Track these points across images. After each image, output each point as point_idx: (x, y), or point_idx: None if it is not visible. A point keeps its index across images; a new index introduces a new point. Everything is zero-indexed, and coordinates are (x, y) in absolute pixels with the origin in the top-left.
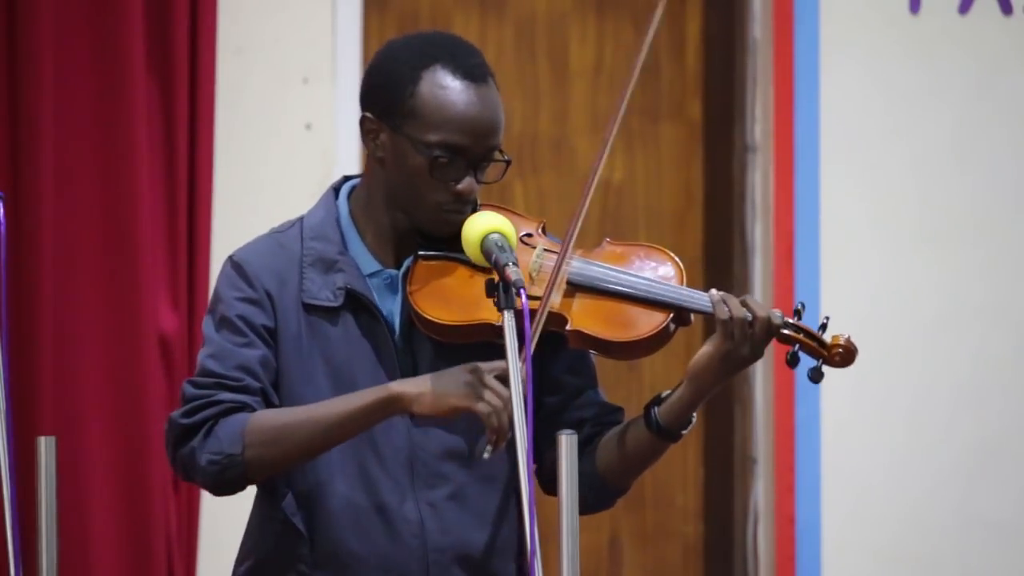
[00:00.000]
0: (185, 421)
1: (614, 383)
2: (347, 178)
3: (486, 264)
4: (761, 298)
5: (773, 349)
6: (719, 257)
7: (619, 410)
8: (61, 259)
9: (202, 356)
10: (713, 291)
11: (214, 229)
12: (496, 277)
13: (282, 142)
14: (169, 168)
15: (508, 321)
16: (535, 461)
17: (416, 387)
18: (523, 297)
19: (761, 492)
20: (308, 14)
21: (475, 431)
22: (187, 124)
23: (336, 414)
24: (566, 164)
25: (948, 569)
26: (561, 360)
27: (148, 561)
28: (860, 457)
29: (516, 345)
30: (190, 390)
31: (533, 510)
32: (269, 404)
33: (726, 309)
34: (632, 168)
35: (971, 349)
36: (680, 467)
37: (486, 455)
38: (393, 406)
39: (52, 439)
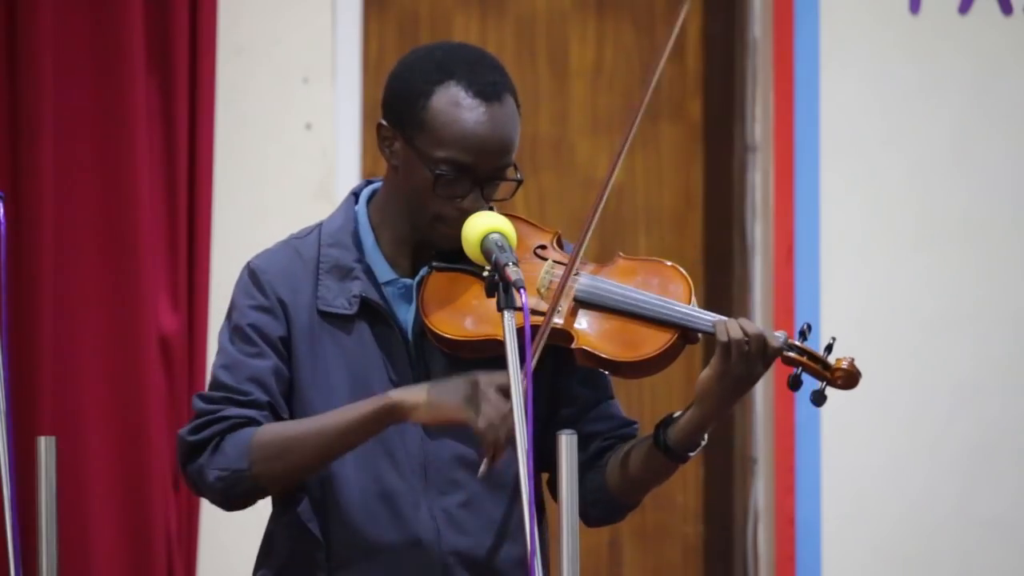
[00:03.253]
0: (192, 438)
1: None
2: (369, 182)
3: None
4: (761, 298)
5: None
6: (719, 257)
7: (633, 424)
8: (61, 259)
9: (215, 368)
10: (719, 317)
11: (214, 229)
12: (496, 276)
13: (282, 142)
14: (169, 168)
15: (508, 321)
16: (546, 470)
17: (415, 396)
18: (523, 296)
19: (761, 492)
20: (308, 14)
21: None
22: (187, 124)
23: (338, 424)
24: (566, 164)
25: (947, 568)
26: (576, 372)
27: (148, 561)
28: (860, 457)
29: (516, 347)
30: (199, 404)
31: (533, 510)
32: (278, 417)
33: (724, 330)
34: (632, 168)
35: (970, 349)
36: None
37: (481, 472)
38: (392, 415)
39: (52, 439)
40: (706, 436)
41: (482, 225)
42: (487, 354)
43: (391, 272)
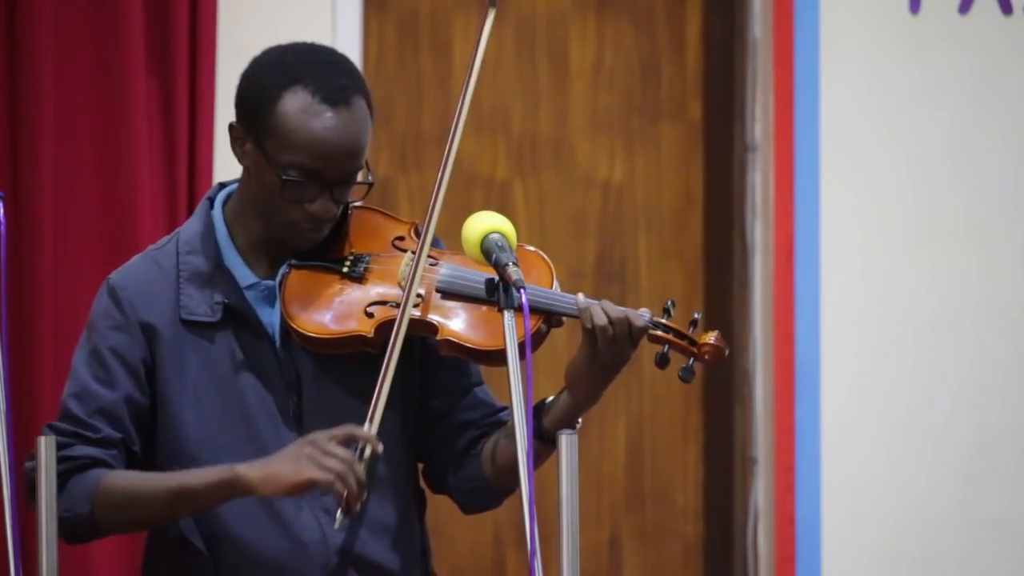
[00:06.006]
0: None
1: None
2: (222, 185)
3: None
4: (761, 298)
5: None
6: (719, 257)
7: (505, 408)
8: (61, 259)
9: (66, 394)
10: (580, 296)
11: None
12: (495, 277)
13: None
14: (169, 168)
15: (508, 321)
16: (423, 459)
17: (260, 470)
18: (523, 297)
19: (761, 492)
20: (308, 14)
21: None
22: (187, 124)
23: (183, 488)
24: (566, 164)
25: (947, 568)
26: (444, 361)
27: None
28: (860, 457)
29: (515, 345)
30: (48, 435)
31: (533, 510)
32: (129, 452)
33: (589, 316)
34: (632, 168)
35: (970, 349)
36: (680, 467)
37: (336, 524)
38: (235, 489)
39: (52, 439)
40: (580, 419)
41: (482, 225)
42: (351, 350)
43: (251, 275)
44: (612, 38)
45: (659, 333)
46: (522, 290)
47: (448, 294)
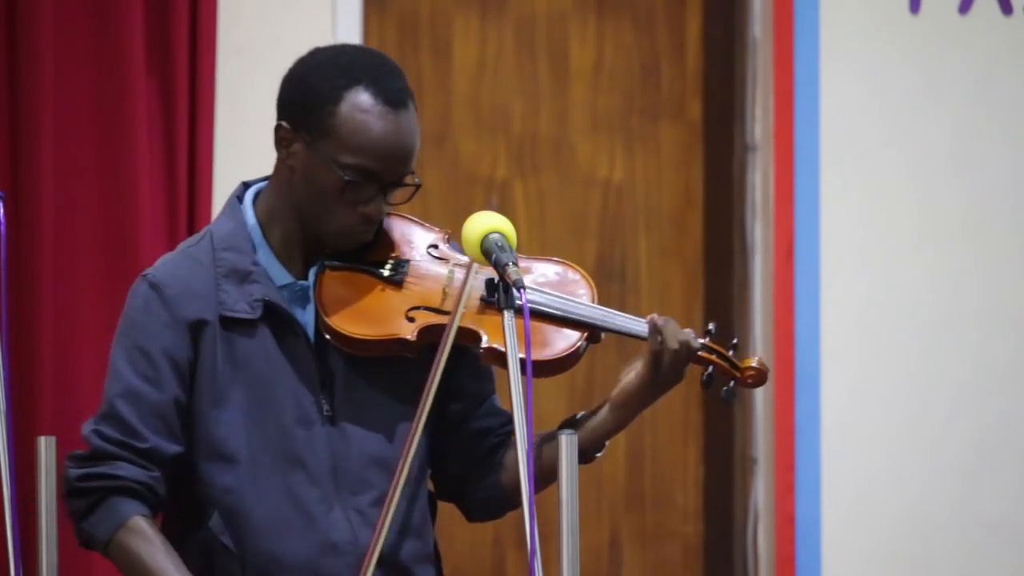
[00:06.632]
0: (79, 484)
1: (613, 384)
2: (247, 184)
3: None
4: (761, 298)
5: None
6: (719, 257)
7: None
8: (61, 259)
9: (111, 394)
10: (655, 316)
11: None
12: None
13: None
14: (169, 168)
15: (508, 320)
16: (434, 466)
17: None
18: (523, 297)
19: (761, 492)
20: (308, 14)
21: (395, 436)
22: (187, 124)
23: None
24: (566, 164)
25: (947, 569)
26: (464, 366)
27: None
28: (860, 457)
29: (515, 344)
30: (96, 441)
31: (533, 510)
32: (174, 466)
33: (659, 339)
34: (632, 168)
35: (970, 349)
36: (680, 467)
37: None
38: None
39: (52, 439)
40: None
41: (482, 225)
42: (390, 352)
43: (287, 275)
44: (612, 38)
45: (705, 355)
46: (522, 290)
47: (490, 304)
